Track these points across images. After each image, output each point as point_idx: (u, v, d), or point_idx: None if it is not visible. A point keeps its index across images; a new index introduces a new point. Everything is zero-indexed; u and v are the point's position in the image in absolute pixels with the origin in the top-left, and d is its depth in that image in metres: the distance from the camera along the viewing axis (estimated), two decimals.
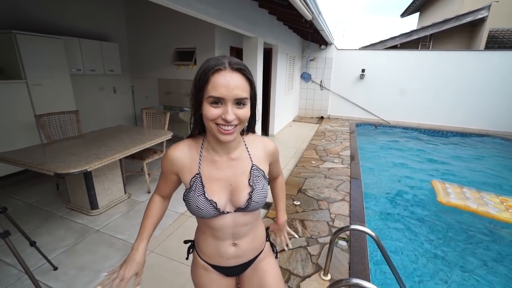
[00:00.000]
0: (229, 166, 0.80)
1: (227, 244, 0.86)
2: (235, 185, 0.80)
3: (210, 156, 0.80)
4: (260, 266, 0.94)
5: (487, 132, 6.72)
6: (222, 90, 0.66)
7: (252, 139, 0.86)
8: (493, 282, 2.13)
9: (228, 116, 0.67)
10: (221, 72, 0.67)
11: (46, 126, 2.80)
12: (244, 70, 0.70)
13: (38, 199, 2.80)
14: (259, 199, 0.81)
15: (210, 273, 0.91)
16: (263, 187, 0.82)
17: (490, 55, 6.49)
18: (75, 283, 1.77)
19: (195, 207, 0.77)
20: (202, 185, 0.78)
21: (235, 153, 0.81)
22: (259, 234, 0.93)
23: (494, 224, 2.89)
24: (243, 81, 0.69)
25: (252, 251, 0.91)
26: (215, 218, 0.80)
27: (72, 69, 3.87)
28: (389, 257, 1.51)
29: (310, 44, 7.40)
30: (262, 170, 0.84)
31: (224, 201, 0.80)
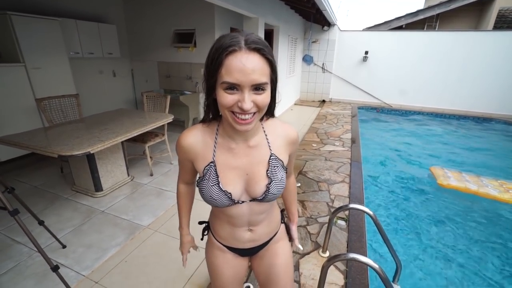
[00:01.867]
0: (246, 154, 0.75)
1: (242, 230, 0.85)
2: (252, 175, 0.75)
3: (226, 143, 0.74)
4: (273, 247, 0.95)
5: (491, 115, 6.65)
6: (237, 75, 0.58)
7: (272, 125, 0.79)
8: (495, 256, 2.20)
9: (245, 104, 0.60)
10: (236, 53, 0.58)
11: (47, 110, 2.81)
12: (263, 49, 0.60)
13: (44, 182, 2.86)
14: (276, 191, 0.76)
15: (225, 253, 0.92)
16: (281, 178, 0.77)
17: (499, 35, 6.29)
18: (83, 260, 1.84)
19: (208, 196, 0.74)
20: (216, 175, 0.74)
21: (253, 141, 0.75)
22: (275, 218, 0.92)
23: (495, 204, 2.91)
24: (262, 63, 0.60)
25: (267, 234, 0.91)
26: (229, 207, 0.78)
27: (71, 52, 3.81)
28: (385, 234, 1.55)
29: (312, 25, 7.20)
30: (281, 160, 0.78)
31: (240, 191, 0.76)
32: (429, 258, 2.20)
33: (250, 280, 1.66)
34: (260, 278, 0.99)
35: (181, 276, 1.72)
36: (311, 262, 1.83)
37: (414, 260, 2.18)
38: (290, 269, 0.97)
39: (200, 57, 4.53)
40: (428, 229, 2.56)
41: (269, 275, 0.95)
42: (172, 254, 1.91)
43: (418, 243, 2.37)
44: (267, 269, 0.95)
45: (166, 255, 1.90)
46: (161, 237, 2.07)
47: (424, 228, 2.56)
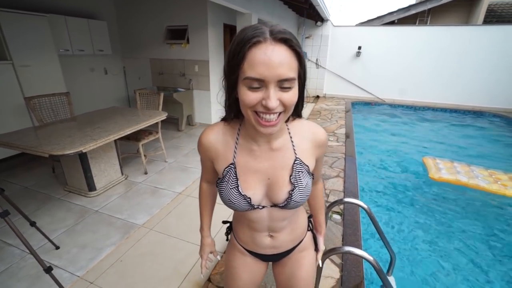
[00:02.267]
0: (269, 158, 0.69)
1: (263, 235, 0.81)
2: (274, 180, 0.70)
3: (248, 144, 0.69)
4: (297, 256, 0.89)
5: (481, 109, 6.77)
6: (262, 69, 0.52)
7: (299, 126, 0.72)
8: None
9: (270, 102, 0.53)
10: (260, 45, 0.52)
11: (37, 108, 2.75)
12: (291, 40, 0.54)
13: (35, 182, 2.81)
14: (300, 199, 0.70)
15: (245, 256, 0.89)
16: (306, 184, 0.70)
17: (488, 29, 6.37)
18: (78, 260, 1.82)
19: (227, 199, 0.71)
20: (236, 177, 0.69)
21: (277, 143, 0.69)
22: (299, 224, 0.85)
23: (484, 195, 2.98)
24: (290, 56, 0.54)
25: (291, 242, 0.84)
26: (248, 211, 0.74)
27: (60, 49, 3.73)
28: (380, 227, 1.57)
29: (306, 20, 7.18)
30: (307, 165, 0.71)
31: (260, 196, 0.71)
32: (422, 250, 2.24)
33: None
34: (279, 286, 0.95)
35: (177, 274, 1.71)
36: None
37: (407, 252, 2.21)
38: (311, 282, 0.92)
39: (193, 54, 4.48)
40: (421, 221, 2.60)
41: (289, 284, 0.90)
42: (168, 252, 1.90)
43: (412, 236, 2.40)
44: (287, 280, 0.90)
45: (162, 253, 1.89)
46: (156, 236, 2.06)
47: (417, 221, 2.60)
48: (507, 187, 3.02)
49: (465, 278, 1.97)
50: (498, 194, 2.95)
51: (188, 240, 1.99)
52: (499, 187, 3.00)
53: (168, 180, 2.87)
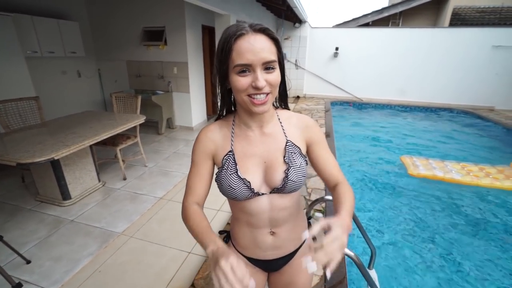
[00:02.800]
0: (263, 142, 0.75)
1: (264, 233, 0.79)
2: (270, 163, 0.74)
3: (243, 132, 0.75)
4: (297, 263, 0.86)
5: (450, 106, 7.18)
6: (248, 55, 0.61)
7: (286, 114, 0.80)
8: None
9: (259, 82, 0.62)
10: (244, 36, 0.62)
11: (2, 114, 2.58)
12: (267, 30, 0.65)
13: (2, 193, 2.62)
14: (296, 178, 0.72)
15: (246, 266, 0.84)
16: (300, 164, 0.74)
17: (454, 32, 6.79)
18: (52, 274, 1.72)
19: (227, 186, 0.72)
20: (234, 163, 0.73)
21: (268, 127, 0.75)
22: (300, 224, 0.85)
23: (459, 188, 3.17)
24: (269, 42, 0.64)
25: (293, 241, 0.83)
26: (249, 200, 0.74)
27: (27, 51, 3.51)
28: (360, 222, 1.62)
29: (284, 22, 7.28)
30: (298, 146, 0.76)
31: (259, 181, 0.74)
32: (403, 243, 2.33)
33: None
34: None
35: (160, 281, 1.67)
36: None
37: (388, 246, 2.30)
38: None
39: (171, 56, 4.39)
40: (400, 215, 2.71)
41: None
42: (149, 259, 1.84)
43: (392, 230, 2.50)
44: (285, 287, 0.88)
45: (144, 260, 1.83)
46: (137, 243, 1.99)
47: (397, 215, 2.71)
48: (479, 177, 3.25)
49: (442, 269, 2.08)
50: (472, 185, 3.15)
51: (171, 246, 1.95)
52: (471, 179, 3.22)
53: (149, 185, 2.79)
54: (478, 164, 3.63)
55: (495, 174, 3.34)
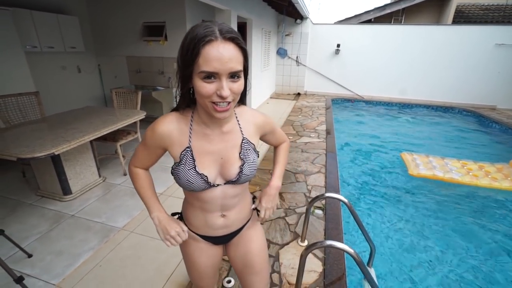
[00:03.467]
0: (221, 140, 0.78)
1: (215, 216, 0.86)
2: (226, 158, 0.79)
3: (201, 129, 0.77)
4: (246, 233, 0.97)
5: (451, 104, 7.16)
6: (215, 63, 0.60)
7: (243, 111, 0.84)
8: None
9: (224, 92, 0.62)
10: (212, 43, 0.60)
11: (2, 109, 2.57)
12: (237, 38, 0.64)
13: (3, 188, 2.63)
14: (249, 172, 0.80)
15: (198, 242, 0.93)
16: (253, 159, 0.81)
17: (457, 29, 6.73)
18: (53, 268, 1.73)
19: (185, 181, 0.75)
20: (192, 159, 0.76)
21: (227, 127, 0.78)
22: (247, 204, 0.94)
23: (459, 188, 3.17)
24: (237, 52, 0.64)
25: (240, 220, 0.92)
26: (204, 191, 0.80)
27: (27, 46, 3.50)
28: (360, 220, 1.63)
29: (285, 18, 7.23)
30: (253, 143, 0.83)
31: (215, 174, 0.79)
32: (402, 242, 2.34)
33: (230, 274, 1.66)
34: (237, 266, 1.00)
35: (160, 276, 1.68)
36: (290, 252, 1.87)
37: (388, 244, 2.31)
38: (265, 253, 1.01)
39: (172, 51, 4.37)
40: (400, 214, 2.71)
41: (246, 261, 0.97)
42: (150, 254, 1.85)
43: (392, 230, 2.50)
44: (243, 256, 0.96)
45: (144, 255, 1.84)
46: (137, 238, 2.00)
47: (397, 214, 2.72)
48: (478, 177, 3.26)
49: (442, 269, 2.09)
50: (471, 185, 3.15)
51: None
52: (471, 179, 3.22)
53: None
54: (477, 162, 3.64)
55: (494, 173, 3.35)
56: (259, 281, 1.00)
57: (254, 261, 0.96)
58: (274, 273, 1.69)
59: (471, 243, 2.32)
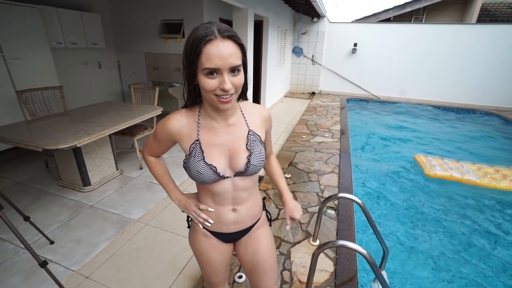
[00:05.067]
0: (227, 132, 0.82)
1: (227, 210, 0.89)
2: (234, 150, 0.82)
3: (208, 123, 0.81)
4: (255, 234, 0.99)
5: (473, 106, 6.87)
6: (216, 60, 0.66)
7: (247, 105, 0.88)
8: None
9: (226, 85, 0.68)
10: (212, 42, 0.66)
11: (29, 102, 2.70)
12: (234, 36, 0.70)
13: (28, 177, 2.77)
14: (257, 162, 0.84)
15: (210, 239, 0.95)
16: (260, 151, 0.85)
17: (482, 28, 6.43)
18: (72, 255, 1.82)
19: (195, 172, 0.80)
20: (201, 151, 0.80)
21: (232, 119, 0.83)
22: (257, 202, 0.97)
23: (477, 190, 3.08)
24: (235, 48, 0.69)
25: (251, 217, 0.95)
26: (215, 183, 0.83)
27: (52, 42, 3.66)
28: (373, 222, 1.60)
29: (302, 16, 7.16)
30: (259, 135, 0.86)
31: (224, 165, 0.82)
32: (416, 246, 2.29)
33: (241, 270, 1.68)
34: (246, 266, 1.02)
35: (174, 268, 1.72)
36: (302, 251, 1.87)
37: (401, 247, 2.26)
38: (273, 254, 1.03)
39: None
40: (416, 216, 2.65)
41: (255, 261, 0.98)
42: (163, 247, 1.90)
43: (407, 232, 2.45)
44: (252, 256, 0.99)
45: (158, 248, 1.89)
46: (152, 231, 2.06)
47: (412, 216, 2.65)
48: (496, 179, 3.15)
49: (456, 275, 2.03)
50: (490, 187, 3.06)
51: (184, 235, 2.00)
52: (489, 181, 3.12)
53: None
54: (493, 165, 3.53)
55: (511, 176, 3.23)
56: (268, 280, 1.01)
57: (262, 261, 0.98)
58: (285, 270, 1.70)
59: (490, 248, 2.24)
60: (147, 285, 1.61)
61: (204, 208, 0.90)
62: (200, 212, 0.91)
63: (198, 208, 0.92)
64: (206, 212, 0.91)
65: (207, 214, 0.91)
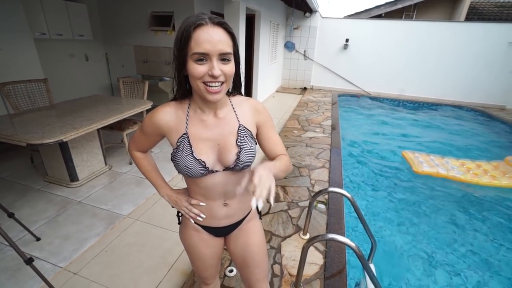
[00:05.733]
0: (217, 126, 0.80)
1: (218, 205, 0.88)
2: (223, 145, 0.80)
3: (197, 115, 0.79)
4: (246, 227, 0.98)
5: (460, 103, 7.04)
6: (206, 45, 0.65)
7: (239, 100, 0.86)
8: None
9: (215, 71, 0.66)
10: (203, 27, 0.65)
11: (11, 95, 2.61)
12: (225, 24, 0.68)
13: (12, 173, 2.69)
14: (246, 159, 0.81)
15: (200, 233, 0.94)
16: (250, 147, 0.82)
17: (472, 26, 6.55)
18: (60, 251, 1.78)
19: (183, 166, 0.78)
20: (189, 145, 0.78)
21: (222, 112, 0.81)
22: (248, 194, 0.93)
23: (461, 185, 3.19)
24: (226, 36, 0.68)
25: (242, 210, 0.94)
26: (204, 177, 0.81)
27: (36, 33, 3.52)
28: (362, 215, 1.63)
29: (294, 11, 7.12)
30: (250, 130, 0.84)
31: (213, 160, 0.80)
32: (404, 240, 2.35)
33: (232, 264, 1.69)
34: (237, 259, 1.02)
35: (164, 263, 1.72)
36: (292, 245, 1.89)
37: (389, 241, 2.32)
38: (263, 247, 1.02)
39: None
40: (400, 208, 2.72)
41: (245, 254, 0.98)
42: (154, 242, 1.89)
43: (396, 226, 2.51)
44: (242, 249, 0.98)
45: (148, 243, 1.88)
46: (142, 226, 2.04)
47: (398, 209, 2.72)
48: (478, 175, 3.29)
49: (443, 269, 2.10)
50: (472, 183, 3.17)
51: (175, 230, 1.99)
52: (472, 177, 3.26)
53: None
54: (475, 160, 3.70)
55: (491, 171, 3.41)
56: (259, 273, 1.01)
57: (253, 254, 0.98)
58: (276, 264, 1.72)
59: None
60: (137, 280, 1.60)
61: (195, 203, 0.88)
62: (192, 207, 0.89)
63: (189, 203, 0.90)
64: (197, 207, 0.89)
65: (198, 208, 0.90)
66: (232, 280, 1.59)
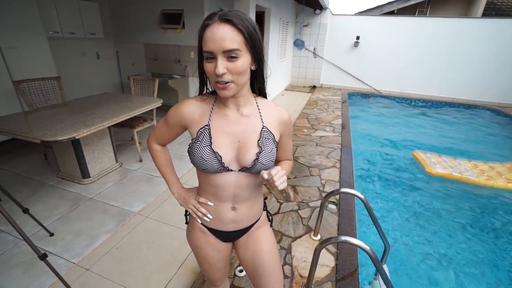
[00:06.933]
0: (239, 122, 0.80)
1: (227, 207, 0.86)
2: (243, 143, 0.79)
3: (222, 110, 0.80)
4: (255, 233, 0.95)
5: (475, 102, 6.82)
6: (210, 43, 0.66)
7: (265, 103, 0.85)
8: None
9: (217, 69, 0.67)
10: (209, 26, 0.67)
11: (26, 93, 2.66)
12: (233, 20, 0.66)
13: (26, 169, 2.75)
14: (265, 161, 0.79)
15: (207, 236, 0.92)
16: (271, 150, 0.80)
17: (486, 23, 6.34)
18: (72, 247, 1.81)
19: (199, 157, 0.77)
20: (209, 136, 0.78)
21: (246, 110, 0.80)
22: (258, 202, 0.93)
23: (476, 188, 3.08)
24: (232, 32, 0.66)
25: (250, 218, 0.91)
26: (218, 174, 0.80)
27: (49, 31, 3.58)
28: (375, 217, 1.59)
29: (304, 8, 7.03)
30: (273, 133, 0.82)
31: (230, 157, 0.79)
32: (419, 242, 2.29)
33: None
34: (248, 268, 0.97)
35: (174, 261, 1.72)
36: (302, 245, 1.86)
37: (402, 242, 2.26)
38: (276, 254, 0.97)
39: (188, 40, 4.35)
40: (414, 210, 2.65)
41: (256, 262, 0.93)
42: (164, 240, 1.90)
43: (409, 228, 2.45)
44: (252, 257, 0.94)
45: (158, 241, 1.89)
46: (152, 223, 2.05)
47: (412, 211, 2.65)
48: (492, 178, 3.17)
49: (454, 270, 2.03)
50: (487, 186, 3.06)
51: (184, 228, 1.98)
52: (486, 180, 3.14)
53: None
54: (487, 162, 3.56)
55: (506, 173, 3.28)
56: (272, 283, 0.94)
57: (264, 262, 0.92)
58: (286, 265, 1.70)
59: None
60: (147, 278, 1.61)
61: (204, 201, 0.87)
62: (200, 206, 0.88)
63: (198, 201, 0.89)
64: (205, 207, 0.88)
65: (206, 208, 0.88)
66: (242, 280, 1.58)
